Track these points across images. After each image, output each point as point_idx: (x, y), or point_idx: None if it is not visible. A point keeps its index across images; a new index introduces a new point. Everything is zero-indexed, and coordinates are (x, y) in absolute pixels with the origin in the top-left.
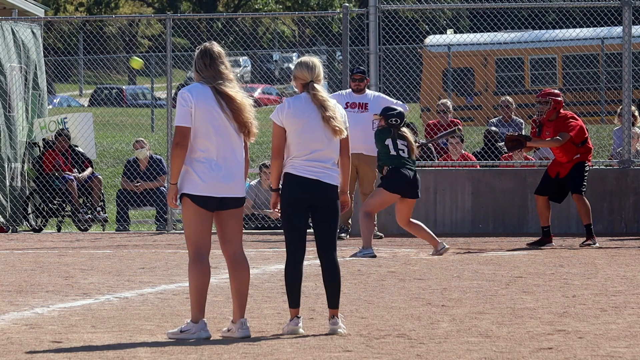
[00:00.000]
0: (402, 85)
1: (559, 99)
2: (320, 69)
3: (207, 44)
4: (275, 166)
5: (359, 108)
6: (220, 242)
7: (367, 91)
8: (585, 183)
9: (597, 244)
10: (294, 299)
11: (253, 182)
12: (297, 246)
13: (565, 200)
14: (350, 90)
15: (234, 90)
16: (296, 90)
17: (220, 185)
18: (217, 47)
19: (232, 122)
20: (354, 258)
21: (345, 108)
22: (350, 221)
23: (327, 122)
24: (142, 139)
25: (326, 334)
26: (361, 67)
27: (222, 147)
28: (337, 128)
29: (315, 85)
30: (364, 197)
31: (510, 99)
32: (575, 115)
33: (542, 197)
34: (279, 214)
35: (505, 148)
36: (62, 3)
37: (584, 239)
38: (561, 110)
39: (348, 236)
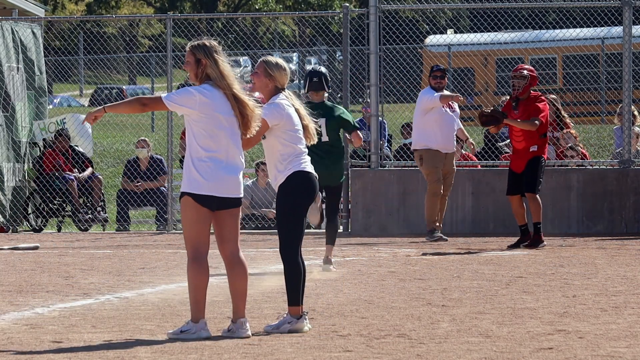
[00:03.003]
0: (402, 85)
1: (535, 74)
2: None
3: (206, 40)
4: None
5: (449, 108)
6: (218, 242)
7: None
8: (541, 180)
9: (545, 243)
10: (300, 295)
11: (249, 182)
12: (299, 244)
13: (565, 199)
14: (429, 88)
15: (245, 95)
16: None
17: (222, 185)
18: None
19: (239, 126)
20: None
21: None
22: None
23: (305, 129)
24: (146, 138)
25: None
26: (440, 65)
27: (226, 148)
28: (313, 132)
29: (289, 92)
30: (446, 196)
31: None
32: (544, 98)
33: (515, 197)
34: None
35: (483, 122)
36: (60, 1)
37: (527, 240)
38: (531, 91)
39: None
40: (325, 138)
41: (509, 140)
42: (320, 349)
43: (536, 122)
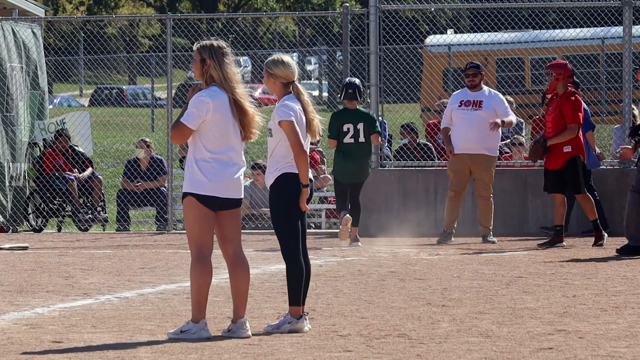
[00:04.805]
0: (402, 85)
1: (561, 70)
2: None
3: (215, 41)
4: (304, 161)
5: (472, 106)
6: (220, 243)
7: (484, 87)
8: (582, 180)
9: (606, 238)
10: (303, 296)
11: (247, 183)
12: (299, 244)
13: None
14: (464, 89)
15: (247, 103)
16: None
17: (225, 186)
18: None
19: (240, 128)
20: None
21: (459, 106)
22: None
23: (309, 124)
24: (146, 139)
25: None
26: (474, 62)
27: (230, 149)
28: (316, 129)
29: (299, 86)
30: (482, 200)
31: (510, 99)
32: (577, 96)
33: (558, 196)
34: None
35: (532, 156)
36: (61, 3)
37: (593, 239)
38: (568, 86)
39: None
40: (362, 139)
41: (509, 140)
42: (320, 349)
43: (572, 129)
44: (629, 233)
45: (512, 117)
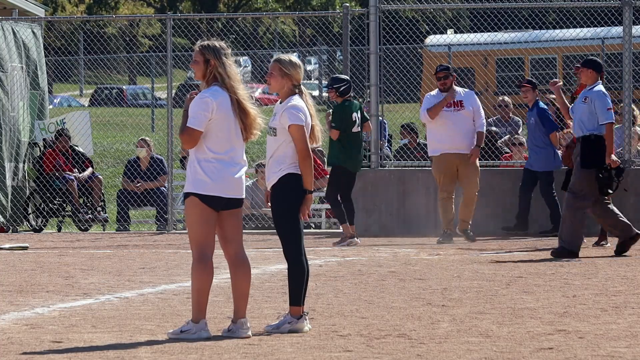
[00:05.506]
0: (402, 85)
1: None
2: None
3: (216, 41)
4: (309, 166)
5: (454, 107)
6: (221, 243)
7: (455, 88)
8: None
9: (609, 244)
10: (303, 296)
11: (249, 183)
12: (301, 243)
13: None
14: (437, 90)
15: (250, 104)
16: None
17: (228, 186)
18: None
19: (241, 129)
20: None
21: None
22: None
23: (312, 130)
24: (146, 138)
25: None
26: (443, 65)
27: (231, 148)
28: (318, 134)
29: (303, 87)
30: (469, 196)
31: (508, 99)
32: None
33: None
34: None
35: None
36: (60, 2)
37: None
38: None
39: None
40: (357, 129)
41: (506, 137)
42: (320, 349)
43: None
44: (562, 237)
45: (483, 126)
